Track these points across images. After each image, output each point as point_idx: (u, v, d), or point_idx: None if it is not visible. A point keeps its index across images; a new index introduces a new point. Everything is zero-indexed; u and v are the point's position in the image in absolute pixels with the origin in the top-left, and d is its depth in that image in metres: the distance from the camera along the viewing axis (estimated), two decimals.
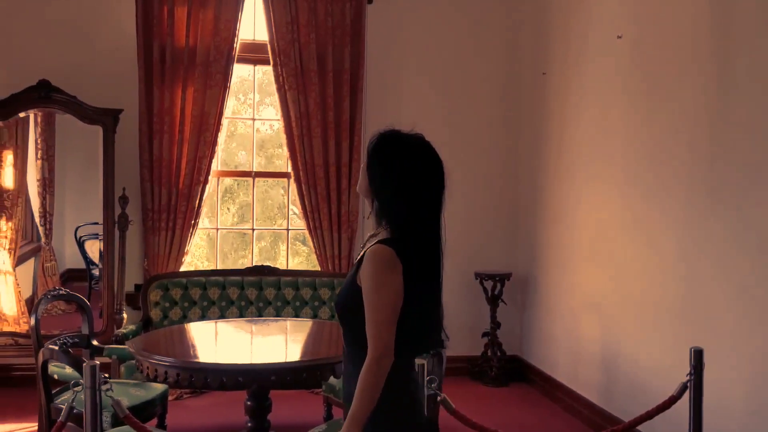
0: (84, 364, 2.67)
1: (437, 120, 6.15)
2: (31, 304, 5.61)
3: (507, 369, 6.05)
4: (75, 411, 2.85)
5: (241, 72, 6.18)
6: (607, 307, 4.94)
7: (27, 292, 5.86)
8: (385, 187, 2.17)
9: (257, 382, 3.65)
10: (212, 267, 6.36)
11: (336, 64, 5.93)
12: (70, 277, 6.07)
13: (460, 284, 6.12)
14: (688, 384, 3.11)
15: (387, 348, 2.03)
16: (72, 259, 6.07)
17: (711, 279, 3.85)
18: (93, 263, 6.01)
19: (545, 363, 5.87)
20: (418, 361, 2.75)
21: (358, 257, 2.21)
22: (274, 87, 5.99)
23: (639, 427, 3.54)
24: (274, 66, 5.88)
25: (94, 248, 5.95)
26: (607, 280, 4.93)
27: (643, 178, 4.52)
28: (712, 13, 3.91)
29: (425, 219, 2.17)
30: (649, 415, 3.13)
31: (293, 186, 6.02)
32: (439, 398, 2.90)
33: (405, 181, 2.14)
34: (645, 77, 4.52)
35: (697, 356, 3.12)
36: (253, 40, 6.14)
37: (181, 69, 5.73)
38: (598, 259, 5.07)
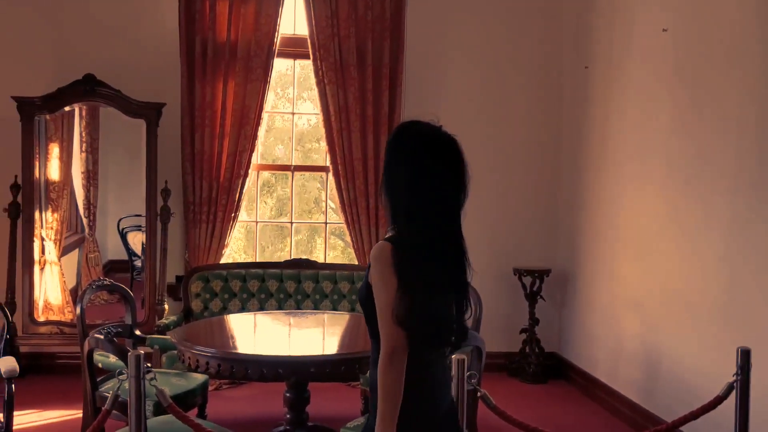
0: (129, 354, 2.72)
1: (477, 114, 6.13)
2: (75, 294, 5.74)
3: (545, 366, 5.99)
4: (120, 399, 2.91)
5: (278, 66, 6.22)
6: (649, 306, 4.86)
7: (71, 282, 5.99)
8: (389, 180, 2.07)
9: (296, 374, 3.68)
10: (250, 260, 6.42)
11: (375, 58, 5.92)
12: (112, 268, 6.19)
13: (498, 280, 6.09)
14: (735, 384, 3.05)
15: (397, 343, 1.98)
16: (114, 251, 6.18)
17: (755, 279, 3.76)
18: (135, 254, 6.11)
19: (584, 360, 5.80)
20: (457, 356, 2.73)
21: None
22: (310, 81, 6.01)
23: (682, 428, 3.48)
24: (314, 60, 5.90)
25: (136, 240, 6.05)
26: (649, 278, 4.85)
27: (686, 175, 4.43)
28: (761, 5, 3.80)
29: (430, 217, 2.03)
30: (694, 416, 3.08)
31: (331, 180, 6.05)
32: (479, 394, 2.89)
33: (407, 176, 2.02)
34: (690, 72, 4.42)
35: (744, 356, 3.05)
36: (293, 34, 6.17)
37: (222, 63, 5.79)
38: (639, 256, 4.99)
